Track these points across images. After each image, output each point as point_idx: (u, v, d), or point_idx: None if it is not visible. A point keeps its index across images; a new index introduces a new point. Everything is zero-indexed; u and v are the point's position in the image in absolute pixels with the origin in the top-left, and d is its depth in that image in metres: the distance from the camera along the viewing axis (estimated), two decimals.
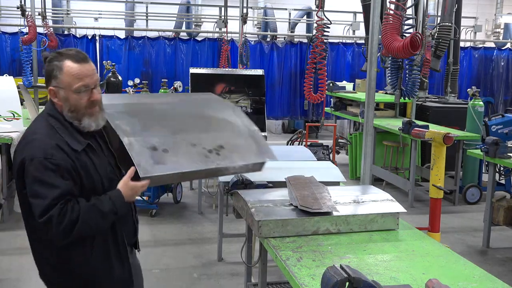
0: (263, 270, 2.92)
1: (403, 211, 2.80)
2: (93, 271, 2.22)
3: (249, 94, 6.46)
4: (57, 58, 2.14)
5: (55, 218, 2.01)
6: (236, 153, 2.51)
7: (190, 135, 2.48)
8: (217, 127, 2.63)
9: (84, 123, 2.16)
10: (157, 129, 2.42)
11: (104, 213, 2.11)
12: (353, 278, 1.71)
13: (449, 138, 4.06)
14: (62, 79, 2.12)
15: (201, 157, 2.39)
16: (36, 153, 2.06)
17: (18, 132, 5.77)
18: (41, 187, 2.03)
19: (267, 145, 2.68)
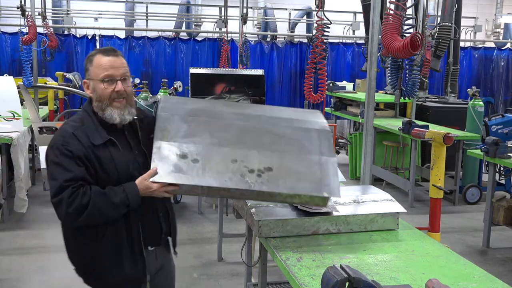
0: (263, 270, 2.92)
1: (403, 211, 2.80)
2: (102, 262, 2.28)
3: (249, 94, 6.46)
4: (92, 54, 2.31)
5: (65, 200, 2.11)
6: (287, 179, 2.28)
7: (238, 150, 2.33)
8: (282, 148, 2.41)
9: (106, 114, 2.26)
10: (203, 138, 2.33)
11: (115, 203, 2.15)
12: (353, 278, 1.71)
13: (449, 138, 4.06)
14: (91, 70, 2.28)
15: (235, 175, 2.24)
16: (56, 140, 2.22)
17: (18, 132, 5.77)
18: (56, 169, 2.17)
19: (335, 180, 2.36)
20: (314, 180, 2.32)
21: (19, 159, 5.60)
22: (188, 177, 2.19)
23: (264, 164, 2.29)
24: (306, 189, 2.30)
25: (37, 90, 7.70)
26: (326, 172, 2.36)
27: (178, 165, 2.21)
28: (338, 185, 2.34)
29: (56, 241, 5.28)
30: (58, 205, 2.15)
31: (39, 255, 4.94)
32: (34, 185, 7.07)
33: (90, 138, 2.21)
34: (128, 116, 2.29)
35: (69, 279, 4.42)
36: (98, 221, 2.20)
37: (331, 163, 2.39)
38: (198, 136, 2.32)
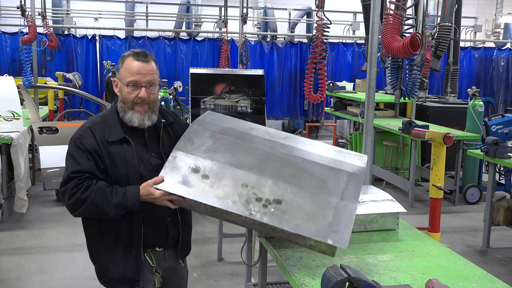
0: (263, 270, 2.92)
1: (403, 211, 2.80)
2: (103, 258, 2.37)
3: (249, 94, 6.46)
4: (126, 55, 2.36)
5: (68, 191, 2.23)
6: (294, 217, 2.10)
7: (253, 175, 2.23)
8: (300, 183, 2.23)
9: (126, 116, 2.33)
10: (223, 156, 2.28)
11: (112, 204, 2.20)
12: (353, 278, 1.71)
13: (449, 138, 4.06)
14: (120, 72, 2.35)
15: (240, 199, 2.13)
16: (76, 133, 2.35)
17: (18, 132, 5.77)
18: (69, 160, 2.29)
19: (347, 228, 2.09)
20: (323, 223, 2.09)
21: (19, 159, 5.60)
22: (192, 192, 2.15)
23: (274, 196, 2.16)
24: (311, 231, 2.06)
25: (37, 90, 7.70)
26: (339, 218, 2.11)
27: (186, 177, 2.18)
28: (348, 234, 2.07)
29: (56, 241, 5.30)
30: (63, 195, 2.28)
31: (39, 255, 4.94)
32: (34, 185, 7.07)
33: (106, 135, 2.30)
34: (148, 121, 2.34)
35: (69, 279, 4.44)
36: (97, 216, 2.28)
37: (349, 209, 2.15)
38: (218, 154, 2.28)
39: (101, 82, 11.36)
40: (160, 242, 2.40)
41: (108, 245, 2.34)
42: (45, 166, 6.03)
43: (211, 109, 6.43)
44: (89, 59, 11.57)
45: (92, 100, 7.82)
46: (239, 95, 6.44)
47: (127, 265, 2.33)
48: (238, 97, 6.44)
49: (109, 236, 2.33)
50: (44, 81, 9.25)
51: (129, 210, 2.23)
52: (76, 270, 4.61)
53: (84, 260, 4.79)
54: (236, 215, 2.12)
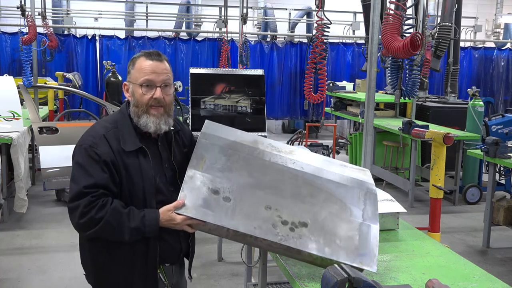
0: (263, 270, 2.92)
1: (403, 211, 2.80)
2: (112, 274, 2.19)
3: (249, 94, 6.45)
4: (136, 56, 2.21)
5: (81, 208, 2.01)
6: (322, 240, 2.06)
7: (274, 196, 2.14)
8: (321, 204, 2.19)
9: (141, 121, 2.16)
10: (240, 176, 2.17)
11: (129, 228, 2.04)
12: (353, 278, 1.70)
13: (449, 138, 4.06)
14: (132, 73, 2.19)
15: (265, 223, 2.05)
16: (85, 140, 2.12)
17: (18, 132, 5.77)
18: (79, 172, 2.06)
19: (374, 251, 2.10)
20: (350, 247, 2.07)
21: (19, 159, 5.60)
22: (215, 216, 2.03)
23: (299, 218, 2.09)
24: (340, 255, 2.04)
25: (37, 90, 7.70)
26: (365, 241, 2.11)
27: (207, 200, 2.06)
28: (375, 256, 2.08)
29: (56, 241, 5.30)
30: (72, 212, 2.04)
31: (39, 255, 4.94)
32: (34, 185, 7.07)
33: (121, 143, 2.11)
34: (164, 126, 2.18)
35: (69, 279, 4.44)
36: (110, 238, 2.09)
37: (372, 231, 2.15)
38: (235, 173, 2.17)
39: (101, 82, 11.36)
40: (173, 257, 2.29)
41: (120, 263, 2.16)
42: (45, 166, 6.03)
43: (211, 109, 6.43)
44: (89, 59, 11.57)
45: (92, 100, 7.81)
46: (239, 95, 6.44)
47: (144, 285, 2.19)
48: (238, 97, 6.44)
49: (121, 254, 2.15)
50: (44, 81, 9.26)
51: (146, 235, 2.08)
52: (76, 270, 4.59)
53: None
54: (262, 239, 2.02)
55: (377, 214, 2.24)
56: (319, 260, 2.06)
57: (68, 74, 10.44)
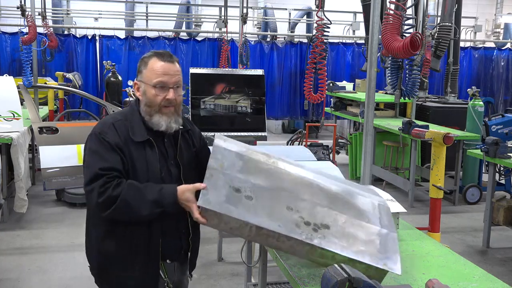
0: (263, 270, 2.92)
1: (403, 211, 2.80)
2: (115, 262, 2.22)
3: (249, 94, 6.46)
4: (147, 56, 2.25)
5: (97, 189, 2.05)
6: (345, 242, 2.04)
7: (294, 199, 2.11)
8: (339, 209, 2.18)
9: (154, 120, 2.21)
10: (258, 178, 2.13)
11: (146, 201, 2.04)
12: (353, 278, 1.70)
13: (449, 138, 4.06)
14: (144, 73, 2.22)
15: (288, 223, 2.00)
16: (95, 129, 2.20)
17: (18, 132, 5.77)
18: (93, 157, 2.12)
19: (397, 255, 2.07)
20: (373, 250, 2.06)
21: (19, 159, 5.60)
22: (239, 212, 1.97)
23: (321, 220, 2.07)
24: (365, 257, 2.01)
25: (37, 90, 7.70)
26: (386, 245, 2.10)
27: (230, 197, 2.00)
28: (399, 260, 2.05)
29: (56, 241, 5.30)
30: (89, 194, 2.09)
31: (39, 255, 4.94)
32: (34, 185, 7.07)
33: (130, 133, 2.17)
34: (175, 124, 2.23)
35: (69, 279, 4.45)
36: (128, 216, 2.09)
37: (391, 237, 2.15)
38: (253, 175, 2.14)
39: (101, 82, 11.37)
40: (174, 254, 2.30)
41: (124, 254, 2.20)
42: (45, 166, 6.02)
43: (211, 109, 6.43)
44: (89, 59, 11.57)
45: (92, 100, 7.81)
46: (239, 95, 6.44)
47: (145, 279, 2.22)
48: (238, 97, 6.44)
49: (125, 244, 2.18)
50: (44, 81, 9.26)
51: (165, 209, 2.06)
52: (76, 270, 4.61)
53: (84, 260, 4.78)
54: (285, 239, 1.98)
55: (393, 224, 2.24)
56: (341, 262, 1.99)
57: (68, 74, 10.44)
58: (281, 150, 4.43)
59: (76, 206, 6.34)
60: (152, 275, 2.23)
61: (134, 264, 2.20)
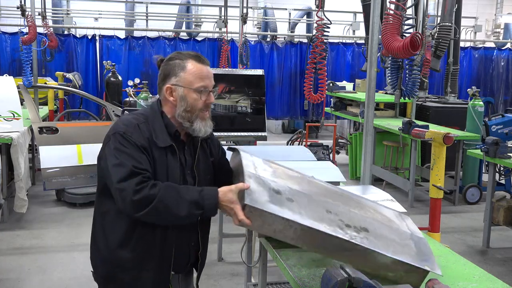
0: (263, 270, 2.92)
1: (403, 211, 2.79)
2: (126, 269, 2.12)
3: (249, 94, 6.45)
4: (179, 57, 2.13)
5: (133, 186, 1.92)
6: (384, 243, 2.02)
7: (329, 203, 2.09)
8: (370, 215, 2.20)
9: (195, 126, 2.12)
10: (291, 183, 2.10)
11: (185, 201, 1.93)
12: (353, 278, 1.70)
13: (449, 138, 4.06)
14: (184, 77, 2.11)
15: (332, 224, 1.96)
16: (118, 128, 2.06)
17: (18, 132, 5.77)
18: (123, 156, 1.99)
19: (433, 257, 2.08)
20: (411, 253, 2.04)
21: (19, 159, 5.60)
22: (286, 212, 1.90)
23: (359, 224, 2.04)
24: (408, 258, 1.98)
25: (37, 90, 7.70)
26: (421, 248, 2.10)
27: (272, 198, 1.94)
28: (435, 261, 2.06)
29: (56, 241, 5.30)
30: (123, 191, 1.93)
31: (39, 255, 4.94)
32: (34, 185, 7.07)
33: (154, 137, 2.07)
34: (209, 129, 2.16)
35: (69, 279, 4.44)
36: (165, 217, 1.97)
37: (423, 241, 2.17)
38: (286, 180, 2.11)
39: (101, 82, 11.37)
40: (181, 266, 2.24)
41: (137, 266, 2.11)
42: (45, 166, 6.03)
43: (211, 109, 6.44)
44: (89, 59, 11.58)
45: (92, 100, 7.81)
46: (239, 95, 6.43)
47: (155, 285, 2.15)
48: (238, 97, 6.44)
49: (139, 257, 2.10)
50: (44, 81, 9.26)
51: (205, 211, 1.95)
52: (76, 270, 4.61)
53: (84, 260, 4.79)
54: (330, 240, 1.93)
55: (421, 234, 2.26)
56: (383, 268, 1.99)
57: (68, 74, 10.44)
58: (281, 150, 4.44)
59: (76, 206, 6.34)
60: (161, 286, 2.18)
61: (145, 274, 2.14)
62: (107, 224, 2.13)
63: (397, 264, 1.96)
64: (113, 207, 2.06)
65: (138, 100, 8.54)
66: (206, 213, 1.97)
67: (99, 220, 2.18)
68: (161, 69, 2.16)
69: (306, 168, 3.51)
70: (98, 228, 2.17)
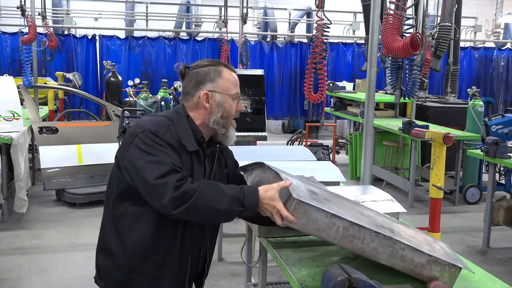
0: (263, 270, 2.92)
1: (403, 211, 2.79)
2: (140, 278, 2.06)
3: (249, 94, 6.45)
4: (212, 64, 2.14)
5: (173, 182, 1.87)
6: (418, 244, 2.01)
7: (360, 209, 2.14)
8: (393, 221, 2.24)
9: (230, 133, 2.14)
10: (319, 189, 2.13)
11: (227, 196, 1.89)
12: (353, 278, 1.71)
13: (449, 138, 4.06)
14: (221, 83, 2.11)
15: (370, 223, 1.97)
16: (146, 125, 2.00)
17: (18, 132, 5.78)
18: (159, 153, 1.93)
19: (458, 257, 2.16)
20: (440, 254, 2.04)
21: (19, 159, 5.60)
22: (327, 207, 1.88)
23: (391, 226, 2.04)
24: (442, 256, 2.00)
25: (37, 90, 7.70)
26: (446, 251, 2.13)
27: (313, 196, 1.93)
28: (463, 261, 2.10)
29: (56, 241, 5.30)
30: (162, 186, 1.87)
31: (39, 255, 4.94)
32: (34, 185, 7.07)
33: (182, 140, 2.03)
34: (235, 137, 2.19)
35: (69, 279, 4.44)
36: (203, 213, 1.90)
37: (446, 245, 2.22)
38: (316, 188, 2.11)
39: (101, 82, 11.37)
40: (191, 275, 2.21)
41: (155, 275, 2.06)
42: (45, 166, 6.03)
43: None
44: (89, 59, 11.58)
45: (92, 100, 7.82)
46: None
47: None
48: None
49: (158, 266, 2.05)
50: (44, 81, 9.26)
51: (245, 208, 1.90)
52: (76, 270, 4.61)
53: (84, 260, 4.79)
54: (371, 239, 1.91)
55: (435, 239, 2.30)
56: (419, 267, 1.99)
57: (68, 74, 10.44)
58: (281, 150, 4.44)
59: (76, 206, 6.34)
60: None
61: (164, 280, 2.09)
62: (124, 227, 2.05)
63: (431, 263, 1.96)
64: (131, 209, 2.02)
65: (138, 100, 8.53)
66: (245, 211, 1.91)
67: (111, 224, 2.09)
68: (191, 75, 2.13)
69: (306, 168, 3.51)
70: (112, 232, 2.08)
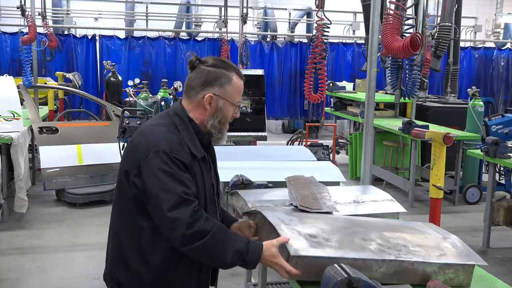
0: (263, 270, 2.92)
1: (403, 211, 2.79)
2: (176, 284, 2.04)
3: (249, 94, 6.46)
4: (224, 67, 2.07)
5: (187, 218, 1.84)
6: (425, 252, 2.06)
7: (360, 232, 2.13)
8: (403, 230, 2.24)
9: (223, 136, 2.14)
10: (319, 224, 2.14)
11: (233, 248, 1.88)
12: (353, 278, 1.71)
13: (449, 138, 4.06)
14: (228, 90, 2.07)
15: (374, 250, 2.00)
16: (161, 144, 1.92)
17: (18, 132, 5.78)
18: (168, 179, 1.87)
19: (471, 251, 2.18)
20: (453, 253, 2.09)
21: (19, 159, 5.60)
22: (329, 251, 1.93)
23: (395, 242, 2.07)
24: (453, 259, 2.05)
25: (37, 90, 7.70)
26: (458, 247, 2.15)
27: (311, 242, 1.97)
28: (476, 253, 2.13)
29: (56, 241, 5.30)
30: (175, 222, 1.83)
31: (39, 255, 4.94)
32: (34, 185, 7.07)
33: (191, 149, 1.99)
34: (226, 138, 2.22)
35: (69, 279, 4.44)
36: (209, 257, 1.90)
37: (455, 239, 2.23)
38: (313, 223, 2.15)
39: (101, 82, 11.37)
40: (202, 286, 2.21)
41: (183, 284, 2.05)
42: (45, 166, 6.03)
43: None
44: (89, 59, 11.58)
45: (92, 100, 7.82)
46: None
47: None
48: None
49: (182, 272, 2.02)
50: (44, 81, 9.26)
51: (245, 263, 1.92)
52: (76, 270, 4.61)
53: (84, 260, 4.80)
54: (378, 266, 1.95)
55: (446, 231, 2.32)
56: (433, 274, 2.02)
57: (68, 74, 10.44)
58: (281, 150, 4.44)
59: (76, 206, 6.34)
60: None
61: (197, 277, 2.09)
62: (144, 243, 1.98)
63: (444, 268, 2.02)
64: (147, 225, 1.96)
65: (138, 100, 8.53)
66: (245, 265, 1.95)
67: (128, 238, 2.02)
68: (201, 71, 2.06)
69: (306, 168, 3.51)
70: (130, 247, 2.01)
